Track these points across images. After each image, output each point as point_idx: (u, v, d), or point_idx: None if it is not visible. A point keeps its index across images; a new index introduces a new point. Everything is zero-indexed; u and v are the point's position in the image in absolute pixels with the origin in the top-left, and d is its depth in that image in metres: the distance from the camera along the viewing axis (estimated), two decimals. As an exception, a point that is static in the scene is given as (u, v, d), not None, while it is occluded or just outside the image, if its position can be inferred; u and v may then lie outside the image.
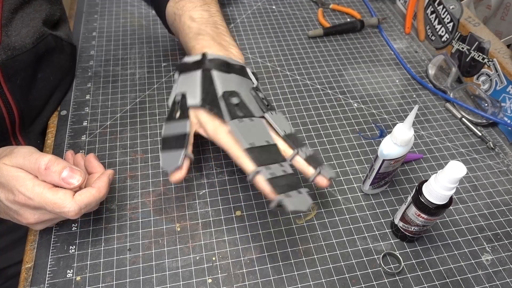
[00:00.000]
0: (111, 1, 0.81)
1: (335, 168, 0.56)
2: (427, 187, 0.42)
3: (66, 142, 0.56)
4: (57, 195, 0.39)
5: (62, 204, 0.39)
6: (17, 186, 0.39)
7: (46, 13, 0.56)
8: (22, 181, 0.39)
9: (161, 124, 0.60)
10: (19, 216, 0.41)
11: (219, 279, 0.45)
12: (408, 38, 0.79)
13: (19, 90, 0.53)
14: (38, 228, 0.44)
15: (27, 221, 0.41)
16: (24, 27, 0.52)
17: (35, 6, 0.54)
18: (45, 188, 0.39)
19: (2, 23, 0.49)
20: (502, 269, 0.48)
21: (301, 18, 0.82)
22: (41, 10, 0.55)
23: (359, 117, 0.64)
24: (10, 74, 0.51)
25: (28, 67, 0.54)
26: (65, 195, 0.39)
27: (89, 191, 0.41)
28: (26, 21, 0.52)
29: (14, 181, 0.39)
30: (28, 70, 0.54)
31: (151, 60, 0.70)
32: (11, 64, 0.51)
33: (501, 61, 0.62)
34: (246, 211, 0.51)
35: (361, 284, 0.46)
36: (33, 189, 0.39)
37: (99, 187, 0.42)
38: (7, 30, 0.50)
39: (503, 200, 0.54)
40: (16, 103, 0.53)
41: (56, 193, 0.39)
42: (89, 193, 0.41)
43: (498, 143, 0.61)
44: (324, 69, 0.71)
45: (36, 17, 0.54)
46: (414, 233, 0.47)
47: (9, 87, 0.51)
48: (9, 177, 0.39)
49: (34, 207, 0.40)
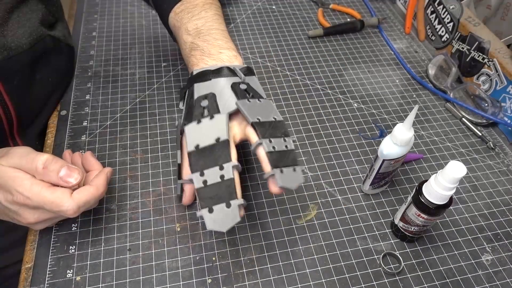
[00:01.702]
0: (111, 1, 0.81)
1: (335, 168, 0.56)
2: (427, 187, 0.42)
3: (66, 142, 0.56)
4: (55, 194, 0.39)
5: (60, 202, 0.39)
6: (15, 186, 0.39)
7: (42, 13, 0.55)
8: (20, 181, 0.39)
9: (161, 124, 0.60)
10: (18, 217, 0.41)
11: (219, 279, 0.45)
12: (408, 38, 0.79)
13: (16, 91, 0.53)
14: (38, 228, 0.44)
15: (27, 221, 0.41)
16: (20, 27, 0.52)
17: (31, 6, 0.54)
18: (43, 187, 0.39)
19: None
20: (502, 269, 0.48)
21: (301, 18, 0.82)
22: (37, 9, 0.55)
23: (359, 117, 0.64)
24: (7, 75, 0.51)
25: (25, 68, 0.54)
26: (63, 193, 0.39)
27: (87, 189, 0.41)
28: (22, 21, 0.52)
29: (12, 181, 0.39)
30: (25, 71, 0.54)
31: (151, 60, 0.70)
32: (8, 65, 0.51)
33: (501, 61, 0.62)
34: (246, 211, 0.51)
35: (361, 284, 0.46)
36: (31, 188, 0.39)
37: (97, 185, 0.42)
38: (3, 30, 0.50)
39: (503, 200, 0.54)
40: (13, 104, 0.52)
41: (54, 192, 0.39)
42: (87, 191, 0.41)
43: (498, 143, 0.61)
44: (324, 69, 0.71)
45: (32, 17, 0.54)
46: (414, 233, 0.47)
47: (6, 88, 0.51)
48: (7, 177, 0.39)
49: (33, 206, 0.40)
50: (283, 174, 0.40)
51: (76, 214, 0.40)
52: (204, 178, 0.40)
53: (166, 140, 0.58)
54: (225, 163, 0.40)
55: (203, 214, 0.38)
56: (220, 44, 0.50)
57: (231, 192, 0.39)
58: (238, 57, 0.50)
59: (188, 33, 0.51)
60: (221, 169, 0.40)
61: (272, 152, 0.40)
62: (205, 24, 0.52)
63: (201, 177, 0.40)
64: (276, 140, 0.41)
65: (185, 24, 0.52)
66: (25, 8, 0.53)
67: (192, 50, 0.50)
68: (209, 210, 0.38)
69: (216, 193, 0.39)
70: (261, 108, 0.44)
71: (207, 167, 0.40)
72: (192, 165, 0.41)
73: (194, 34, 0.51)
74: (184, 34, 0.52)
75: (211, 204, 0.39)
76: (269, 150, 0.40)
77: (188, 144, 0.42)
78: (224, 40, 0.51)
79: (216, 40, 0.50)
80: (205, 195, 0.39)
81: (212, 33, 0.51)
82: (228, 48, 0.50)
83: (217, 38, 0.50)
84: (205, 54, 0.49)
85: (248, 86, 0.46)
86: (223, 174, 0.39)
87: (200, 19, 0.52)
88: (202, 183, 0.39)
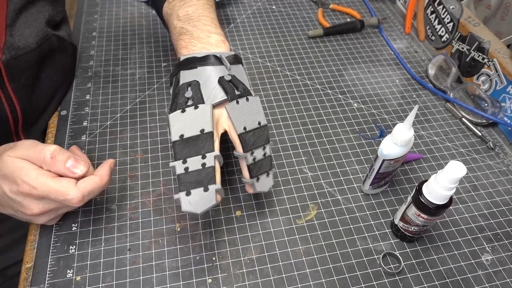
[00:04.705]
0: (111, 1, 0.81)
1: (335, 168, 0.56)
2: (427, 187, 0.42)
3: (66, 142, 0.56)
4: (61, 183, 0.40)
5: (66, 191, 0.40)
6: (21, 176, 0.40)
7: (49, 14, 0.56)
8: (26, 171, 0.40)
9: (161, 124, 0.60)
10: (23, 208, 0.41)
11: (219, 279, 0.45)
12: (408, 38, 0.79)
13: (22, 89, 0.53)
14: (42, 221, 0.44)
15: (32, 212, 0.41)
16: (28, 27, 0.52)
17: (38, 7, 0.54)
18: (49, 177, 0.40)
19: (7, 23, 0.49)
20: (502, 269, 0.48)
21: (301, 18, 0.82)
22: (44, 10, 0.55)
23: (359, 117, 0.64)
24: (14, 74, 0.51)
25: (32, 67, 0.54)
26: (68, 183, 0.40)
27: (92, 178, 0.42)
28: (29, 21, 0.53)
29: (18, 171, 0.40)
30: (31, 70, 0.55)
31: (151, 60, 0.70)
32: (15, 64, 0.51)
33: (501, 61, 0.62)
34: (246, 211, 0.51)
35: (361, 284, 0.46)
36: (36, 178, 0.39)
37: (101, 175, 0.43)
38: (11, 30, 0.50)
39: (503, 200, 0.54)
40: (19, 102, 0.53)
41: (60, 182, 0.40)
42: (92, 181, 0.42)
43: (498, 143, 0.61)
44: (324, 69, 0.71)
45: (39, 17, 0.54)
46: (414, 233, 0.47)
47: (13, 87, 0.52)
48: (14, 167, 0.40)
49: (38, 196, 0.40)
50: (258, 182, 0.45)
51: (81, 203, 0.41)
52: (186, 165, 0.41)
53: (166, 140, 0.58)
54: (208, 153, 0.42)
55: (180, 196, 0.39)
56: (209, 29, 0.51)
57: (210, 178, 0.41)
58: (226, 43, 0.51)
59: (178, 19, 0.53)
60: (203, 158, 0.41)
61: (252, 164, 0.45)
62: (196, 11, 0.53)
63: (183, 164, 0.41)
64: (257, 151, 0.45)
65: (176, 11, 0.53)
66: (33, 9, 0.54)
67: (181, 34, 0.51)
68: (187, 193, 0.40)
69: (196, 178, 0.40)
70: (249, 110, 0.46)
71: (190, 156, 0.41)
72: (177, 153, 0.41)
73: (184, 19, 0.52)
74: (175, 20, 0.53)
75: (189, 188, 0.40)
76: (250, 163, 0.44)
77: (173, 133, 0.42)
78: (213, 26, 0.52)
79: (205, 26, 0.51)
80: (185, 180, 0.40)
81: (202, 19, 0.52)
82: (217, 33, 0.51)
83: (206, 24, 0.51)
84: (194, 38, 0.50)
85: (234, 77, 0.47)
86: (205, 162, 0.41)
87: (191, 6, 0.53)
88: (184, 169, 0.40)
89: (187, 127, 0.42)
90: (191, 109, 0.43)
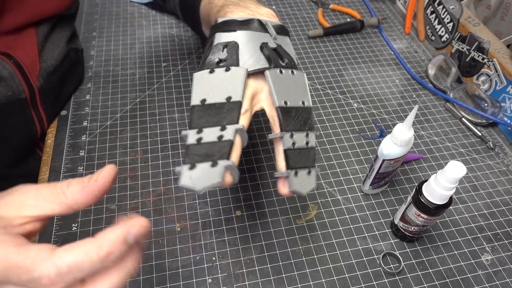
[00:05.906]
0: (111, 1, 0.81)
1: (335, 168, 0.56)
2: (427, 187, 0.42)
3: (66, 142, 0.56)
4: (27, 253, 0.24)
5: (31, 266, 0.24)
6: None
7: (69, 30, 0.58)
8: None
9: (161, 124, 0.60)
10: None
11: (219, 279, 0.45)
12: (408, 38, 0.79)
13: (51, 107, 0.57)
14: None
15: None
16: (56, 48, 0.55)
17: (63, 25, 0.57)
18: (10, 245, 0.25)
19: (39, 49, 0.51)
20: (502, 269, 0.48)
21: (301, 18, 0.82)
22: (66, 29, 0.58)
23: (359, 117, 0.64)
24: (45, 96, 0.54)
25: (58, 84, 0.57)
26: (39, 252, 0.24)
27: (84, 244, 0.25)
28: (56, 42, 0.56)
29: None
30: (58, 87, 0.57)
31: (151, 60, 0.70)
32: (46, 86, 0.54)
33: (501, 61, 0.62)
34: (246, 211, 0.51)
35: (361, 284, 0.46)
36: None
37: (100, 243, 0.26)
38: (42, 55, 0.53)
39: (503, 200, 0.54)
40: (47, 118, 0.56)
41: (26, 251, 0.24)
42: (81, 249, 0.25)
43: (498, 143, 0.61)
44: (324, 69, 0.71)
45: (63, 36, 0.57)
46: (414, 233, 0.47)
47: (44, 108, 0.55)
48: None
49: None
50: (296, 177, 0.35)
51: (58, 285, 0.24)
52: (200, 135, 0.33)
53: (166, 140, 0.58)
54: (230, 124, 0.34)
55: (182, 169, 0.31)
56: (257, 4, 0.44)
57: (223, 153, 0.32)
58: (277, 18, 0.44)
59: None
60: (222, 130, 0.34)
61: (290, 149, 0.35)
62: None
63: (197, 134, 0.33)
64: (298, 134, 0.36)
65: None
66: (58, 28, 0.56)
67: (224, 6, 0.43)
68: (191, 167, 0.32)
69: (206, 151, 0.32)
70: (292, 84, 0.38)
71: (208, 125, 0.34)
72: (193, 120, 0.34)
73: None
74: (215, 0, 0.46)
75: (195, 161, 0.32)
76: (288, 147, 0.35)
77: (194, 95, 0.35)
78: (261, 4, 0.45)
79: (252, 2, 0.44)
80: (193, 152, 0.32)
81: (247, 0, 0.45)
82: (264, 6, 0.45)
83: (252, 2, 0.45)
84: (241, 6, 0.42)
85: (279, 47, 0.40)
86: (223, 135, 0.33)
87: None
88: (196, 140, 0.33)
89: (212, 91, 0.35)
90: (221, 70, 0.36)
